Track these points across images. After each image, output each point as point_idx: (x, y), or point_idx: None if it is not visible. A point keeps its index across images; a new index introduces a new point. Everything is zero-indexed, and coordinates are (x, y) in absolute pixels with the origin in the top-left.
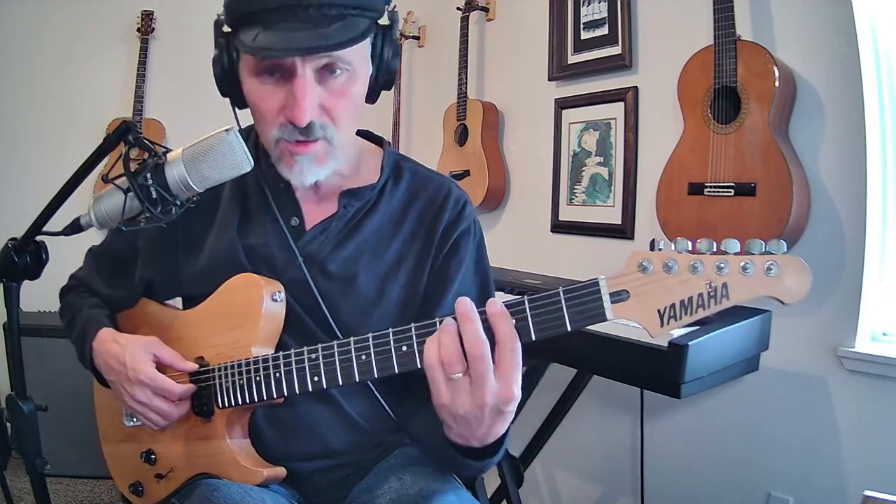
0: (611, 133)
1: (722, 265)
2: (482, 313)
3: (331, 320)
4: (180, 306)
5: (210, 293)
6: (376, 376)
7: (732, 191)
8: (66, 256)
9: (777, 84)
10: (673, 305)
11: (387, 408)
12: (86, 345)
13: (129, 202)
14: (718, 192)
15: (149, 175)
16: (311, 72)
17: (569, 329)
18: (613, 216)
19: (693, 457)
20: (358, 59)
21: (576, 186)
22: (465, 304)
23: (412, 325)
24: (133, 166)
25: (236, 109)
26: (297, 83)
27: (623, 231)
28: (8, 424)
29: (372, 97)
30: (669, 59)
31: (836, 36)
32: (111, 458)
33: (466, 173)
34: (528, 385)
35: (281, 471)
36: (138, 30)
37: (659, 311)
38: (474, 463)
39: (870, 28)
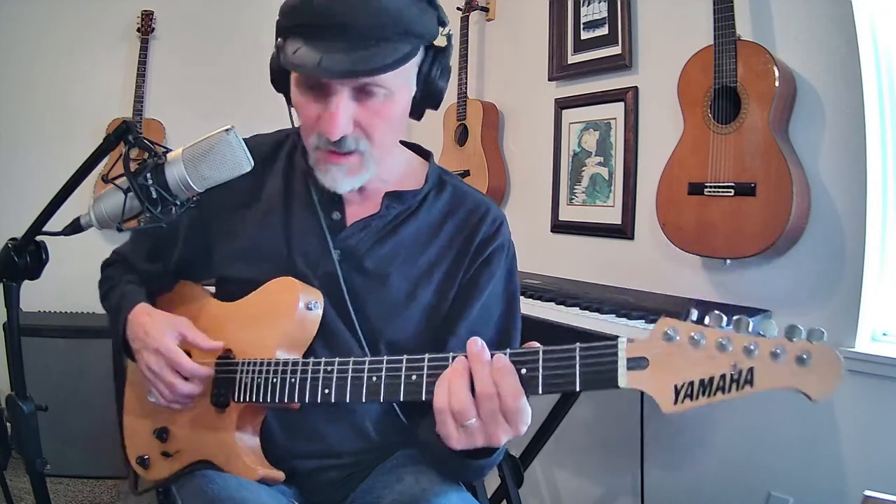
0: (611, 133)
1: (752, 347)
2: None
3: (354, 319)
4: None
5: (246, 277)
6: (381, 400)
7: (732, 191)
8: (66, 256)
9: (777, 84)
10: (691, 383)
11: (400, 414)
12: (120, 315)
13: (129, 202)
14: (718, 192)
15: (149, 175)
16: (349, 90)
17: (577, 389)
18: (613, 216)
19: (693, 457)
20: (399, 80)
21: (576, 186)
22: (476, 345)
23: (426, 355)
24: (133, 166)
25: (290, 106)
26: (332, 100)
27: (623, 231)
28: (8, 424)
29: (417, 114)
30: (669, 59)
31: (836, 36)
32: (128, 429)
33: (466, 173)
34: None
35: (279, 474)
36: (138, 30)
37: (676, 386)
38: (476, 462)
39: (870, 28)
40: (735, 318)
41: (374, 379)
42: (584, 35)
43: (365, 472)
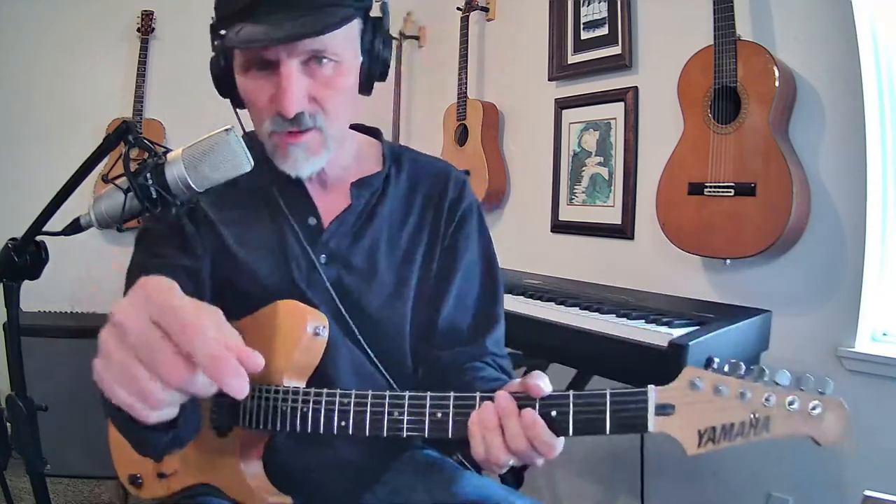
0: (611, 133)
1: (769, 397)
2: (517, 397)
3: (355, 329)
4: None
5: (247, 291)
6: (404, 436)
7: (732, 191)
8: (67, 256)
9: (777, 84)
10: (714, 428)
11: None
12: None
13: (129, 202)
14: (718, 192)
15: (149, 175)
16: (298, 63)
17: (607, 433)
18: (613, 216)
19: (693, 457)
20: (345, 49)
21: (576, 186)
22: (503, 400)
23: (451, 394)
24: (133, 166)
25: (238, 111)
26: (283, 73)
27: (623, 231)
28: (8, 424)
29: (366, 89)
30: (669, 59)
31: (836, 36)
32: (115, 444)
33: (466, 174)
34: None
35: (287, 500)
36: (138, 30)
37: (699, 431)
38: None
39: (870, 28)
40: (752, 367)
41: (396, 414)
42: (584, 35)
43: (377, 475)
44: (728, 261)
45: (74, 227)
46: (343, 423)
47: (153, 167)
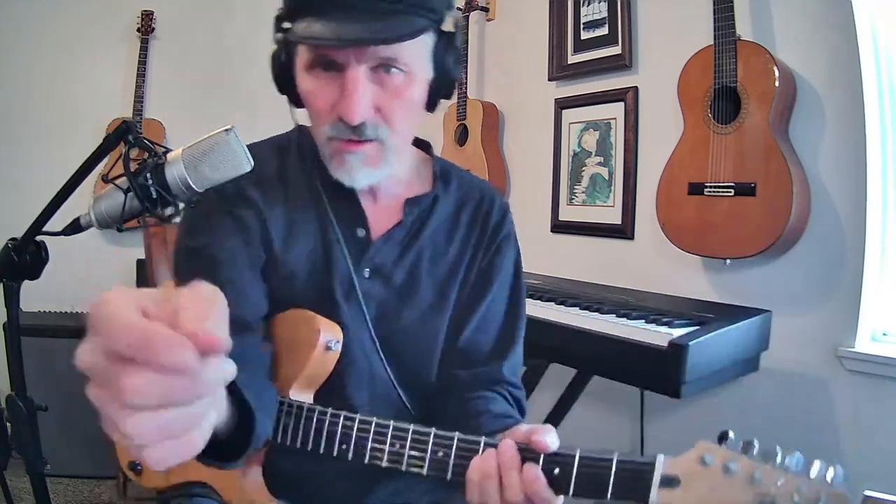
0: (611, 133)
1: (780, 482)
2: (521, 448)
3: (380, 350)
4: None
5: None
6: (403, 469)
7: (732, 191)
8: (66, 256)
9: (777, 84)
10: None
11: (409, 408)
12: None
13: (128, 202)
14: (718, 192)
15: (149, 175)
16: (366, 69)
17: (608, 497)
18: (613, 216)
19: None
20: (416, 60)
21: (576, 186)
22: (508, 450)
23: (456, 434)
24: (133, 166)
25: (293, 108)
26: (350, 78)
27: (623, 231)
28: (8, 424)
29: (431, 105)
30: (669, 59)
31: (836, 36)
32: None
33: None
34: (529, 385)
35: None
36: (138, 30)
37: None
38: None
39: (870, 28)
40: (764, 449)
41: (398, 446)
42: (584, 35)
43: (378, 477)
44: (728, 261)
45: (74, 227)
46: (344, 447)
47: (153, 167)
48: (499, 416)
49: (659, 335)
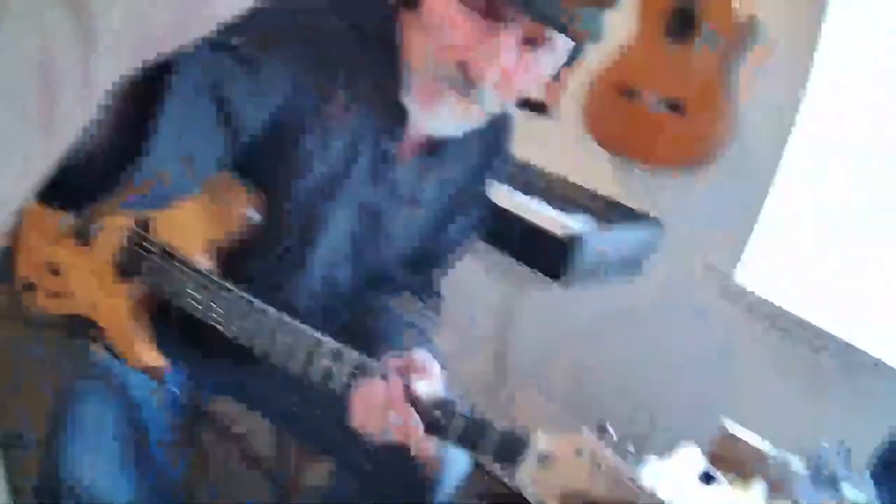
0: None
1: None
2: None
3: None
4: None
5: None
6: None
7: (664, 104)
8: None
9: (734, 18)
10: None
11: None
12: None
13: None
14: (650, 101)
15: None
16: (520, 36)
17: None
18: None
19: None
20: (561, 54)
21: None
22: (395, 389)
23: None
24: None
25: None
26: (503, 40)
27: (543, 108)
28: None
29: (533, 105)
30: None
31: None
32: (26, 240)
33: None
34: None
35: (161, 364)
36: None
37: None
38: None
39: None
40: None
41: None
42: None
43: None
44: (639, 168)
45: None
46: (235, 327)
47: None
48: (408, 324)
49: (557, 224)
